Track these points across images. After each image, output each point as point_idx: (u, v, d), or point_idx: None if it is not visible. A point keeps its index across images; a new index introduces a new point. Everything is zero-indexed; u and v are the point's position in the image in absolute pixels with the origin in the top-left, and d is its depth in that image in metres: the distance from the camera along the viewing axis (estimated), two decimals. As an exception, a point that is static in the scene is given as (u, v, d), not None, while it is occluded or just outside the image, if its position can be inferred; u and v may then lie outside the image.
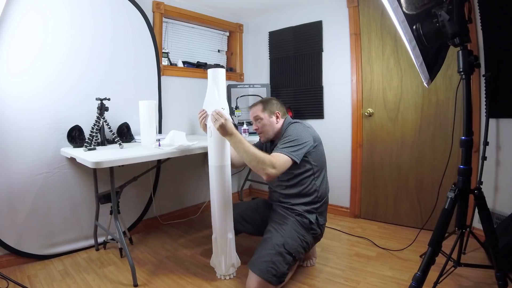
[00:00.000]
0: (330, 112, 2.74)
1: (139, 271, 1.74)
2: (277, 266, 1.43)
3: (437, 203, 1.72)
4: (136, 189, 2.29)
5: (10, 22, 1.72)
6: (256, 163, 1.45)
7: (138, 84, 2.32)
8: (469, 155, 1.20)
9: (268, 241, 1.53)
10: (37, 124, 1.84)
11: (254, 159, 1.45)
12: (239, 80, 3.21)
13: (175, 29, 2.72)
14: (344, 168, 2.66)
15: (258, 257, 1.48)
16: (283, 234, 1.54)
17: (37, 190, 1.85)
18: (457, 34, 1.15)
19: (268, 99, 1.81)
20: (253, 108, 1.80)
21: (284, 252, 1.47)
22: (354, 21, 2.51)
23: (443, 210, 1.23)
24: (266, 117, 1.73)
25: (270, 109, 1.74)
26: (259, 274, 1.41)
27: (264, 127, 1.74)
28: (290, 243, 1.51)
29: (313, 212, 1.65)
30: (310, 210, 1.64)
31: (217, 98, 1.63)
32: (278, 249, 1.47)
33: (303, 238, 1.57)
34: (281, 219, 1.63)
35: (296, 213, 1.63)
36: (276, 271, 1.42)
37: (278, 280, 1.44)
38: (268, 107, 1.75)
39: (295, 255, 1.51)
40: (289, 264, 1.48)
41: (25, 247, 1.81)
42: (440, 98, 2.20)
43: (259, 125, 1.76)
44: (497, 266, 1.23)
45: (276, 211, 1.70)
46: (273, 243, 1.50)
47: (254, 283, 1.41)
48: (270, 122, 1.73)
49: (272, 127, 1.74)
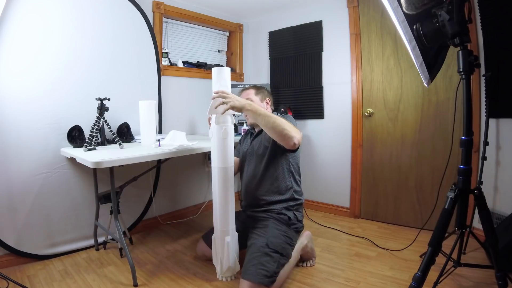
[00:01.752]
0: (330, 112, 2.74)
1: (139, 271, 1.75)
2: (266, 266, 1.43)
3: (437, 203, 1.72)
4: (136, 189, 2.29)
5: (10, 22, 1.72)
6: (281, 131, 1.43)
7: (138, 84, 2.32)
8: (469, 155, 1.20)
9: (253, 246, 1.53)
10: (37, 124, 1.84)
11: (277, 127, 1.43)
12: (239, 80, 3.21)
13: (175, 29, 2.72)
14: (344, 168, 2.66)
15: (246, 263, 1.48)
16: (265, 235, 1.55)
17: (37, 190, 1.85)
18: (457, 34, 1.15)
19: (260, 86, 1.87)
20: (245, 90, 1.85)
21: (269, 251, 1.48)
22: (354, 21, 2.51)
23: (443, 210, 1.23)
24: (257, 101, 1.78)
25: (262, 95, 1.82)
26: (248, 278, 1.40)
27: None
28: (274, 241, 1.52)
29: (290, 209, 1.67)
30: (287, 207, 1.67)
31: None
32: (263, 250, 1.48)
33: (285, 234, 1.59)
34: (261, 223, 1.64)
35: (274, 212, 1.65)
36: (266, 271, 1.42)
37: (270, 279, 1.43)
38: (260, 92, 1.82)
39: (281, 251, 1.51)
40: (277, 262, 1.48)
41: (25, 247, 1.81)
42: (440, 98, 2.20)
43: None
44: (497, 266, 1.23)
45: (254, 217, 1.71)
46: (257, 246, 1.51)
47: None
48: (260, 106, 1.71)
49: None
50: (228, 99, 1.44)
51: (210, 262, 1.77)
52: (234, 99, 1.46)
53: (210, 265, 1.77)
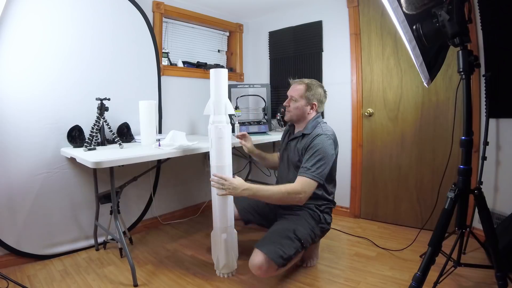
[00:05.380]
0: (330, 112, 2.73)
1: (139, 271, 1.74)
2: (285, 248, 1.45)
3: (437, 203, 1.72)
4: (136, 189, 2.29)
5: (10, 22, 1.72)
6: (286, 198, 1.48)
7: (138, 84, 2.32)
8: (469, 155, 1.21)
9: (279, 226, 1.57)
10: (37, 124, 1.84)
11: (282, 197, 1.47)
12: (239, 80, 3.21)
13: (175, 29, 2.72)
14: (344, 168, 2.65)
15: (267, 238, 1.51)
16: (294, 222, 1.57)
17: (37, 190, 1.85)
18: (457, 34, 1.15)
19: (314, 84, 1.68)
20: (296, 85, 1.69)
21: (293, 237, 1.50)
22: (354, 21, 2.51)
23: (443, 210, 1.23)
24: (302, 103, 1.65)
25: (311, 97, 1.65)
26: (266, 252, 1.42)
27: (295, 109, 1.67)
28: (301, 230, 1.54)
29: (322, 211, 1.68)
30: (320, 209, 1.67)
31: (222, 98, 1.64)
32: (287, 234, 1.51)
33: (312, 228, 1.60)
34: (294, 212, 1.65)
35: (307, 207, 1.65)
36: (284, 252, 1.44)
37: (283, 262, 1.44)
38: (310, 94, 1.65)
39: (304, 242, 1.53)
40: (296, 249, 1.50)
41: (25, 247, 1.81)
42: (440, 98, 2.20)
43: (291, 104, 1.69)
44: (497, 266, 1.23)
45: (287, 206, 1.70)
46: (284, 228, 1.54)
47: (259, 260, 1.41)
48: (303, 110, 1.66)
49: (302, 115, 1.68)
50: (226, 186, 1.48)
51: (210, 262, 1.78)
52: (231, 187, 1.47)
53: (210, 265, 1.77)
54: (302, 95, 1.66)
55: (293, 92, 1.69)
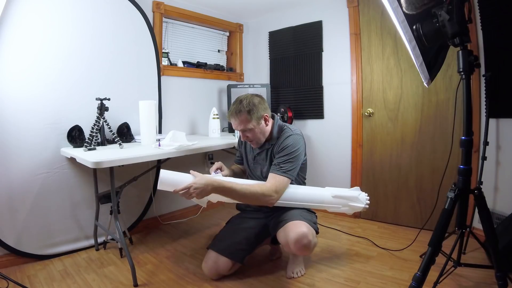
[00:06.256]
0: (330, 112, 2.74)
1: (139, 271, 1.74)
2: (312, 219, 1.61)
3: (437, 203, 1.72)
4: (136, 189, 2.29)
5: (10, 22, 1.72)
6: (257, 199, 1.47)
7: (138, 84, 2.32)
8: (469, 155, 1.20)
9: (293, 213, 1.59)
10: (37, 124, 1.84)
11: (253, 197, 1.46)
12: (239, 80, 3.21)
13: (175, 29, 2.72)
14: (344, 168, 2.66)
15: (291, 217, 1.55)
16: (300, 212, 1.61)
17: (37, 190, 1.85)
18: (457, 34, 1.15)
19: (251, 103, 1.54)
20: (236, 118, 1.54)
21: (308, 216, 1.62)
22: (354, 21, 2.51)
23: (443, 210, 1.23)
24: (255, 126, 1.55)
25: (257, 115, 1.54)
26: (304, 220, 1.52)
27: (256, 136, 1.59)
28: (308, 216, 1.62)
29: None
30: None
31: None
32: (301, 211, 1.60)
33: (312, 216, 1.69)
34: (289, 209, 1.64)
35: None
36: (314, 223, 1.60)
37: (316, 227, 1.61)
38: (254, 114, 1.53)
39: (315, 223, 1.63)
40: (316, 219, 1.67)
41: (25, 247, 1.81)
42: (440, 98, 2.20)
43: (249, 135, 1.58)
44: (497, 266, 1.23)
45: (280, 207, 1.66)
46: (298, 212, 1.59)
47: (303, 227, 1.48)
48: (261, 129, 1.58)
49: (263, 133, 1.61)
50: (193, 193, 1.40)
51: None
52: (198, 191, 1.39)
53: (210, 265, 1.77)
54: (250, 122, 1.53)
55: (241, 125, 1.55)
